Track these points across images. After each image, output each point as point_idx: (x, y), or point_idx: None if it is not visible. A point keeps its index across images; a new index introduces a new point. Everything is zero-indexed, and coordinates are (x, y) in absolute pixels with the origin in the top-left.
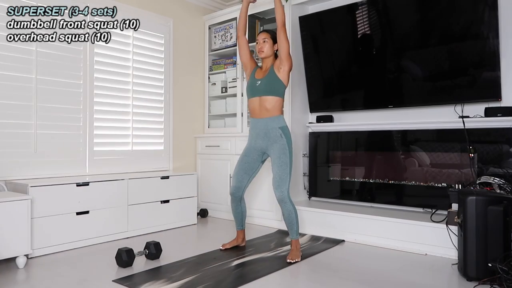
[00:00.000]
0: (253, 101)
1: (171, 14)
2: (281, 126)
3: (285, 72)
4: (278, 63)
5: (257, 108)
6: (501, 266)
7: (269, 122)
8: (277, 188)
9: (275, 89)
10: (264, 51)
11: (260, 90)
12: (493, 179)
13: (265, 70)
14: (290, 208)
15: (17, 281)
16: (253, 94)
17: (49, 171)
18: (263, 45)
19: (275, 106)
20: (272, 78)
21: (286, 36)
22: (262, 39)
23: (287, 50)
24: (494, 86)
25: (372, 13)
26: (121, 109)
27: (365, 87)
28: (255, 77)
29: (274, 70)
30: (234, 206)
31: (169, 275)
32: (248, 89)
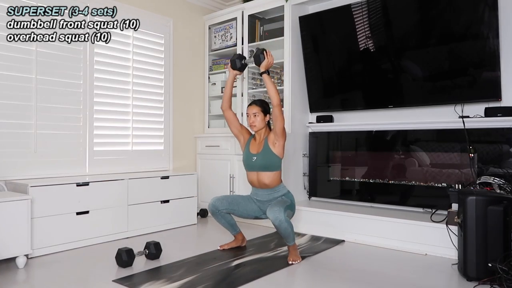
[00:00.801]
0: (250, 174)
1: (171, 14)
2: (283, 194)
3: (280, 146)
4: (273, 138)
5: (256, 182)
6: (501, 266)
7: (271, 193)
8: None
9: (271, 165)
10: (256, 125)
11: (257, 166)
12: (493, 179)
13: (259, 143)
14: (285, 226)
15: (17, 281)
16: (250, 169)
17: (49, 171)
18: (254, 119)
19: (274, 180)
20: (268, 155)
21: (281, 113)
22: (253, 114)
23: (282, 126)
24: (494, 86)
25: (372, 13)
26: (121, 109)
27: (365, 87)
28: (250, 152)
29: (269, 145)
30: (215, 218)
31: (169, 275)
32: (245, 163)
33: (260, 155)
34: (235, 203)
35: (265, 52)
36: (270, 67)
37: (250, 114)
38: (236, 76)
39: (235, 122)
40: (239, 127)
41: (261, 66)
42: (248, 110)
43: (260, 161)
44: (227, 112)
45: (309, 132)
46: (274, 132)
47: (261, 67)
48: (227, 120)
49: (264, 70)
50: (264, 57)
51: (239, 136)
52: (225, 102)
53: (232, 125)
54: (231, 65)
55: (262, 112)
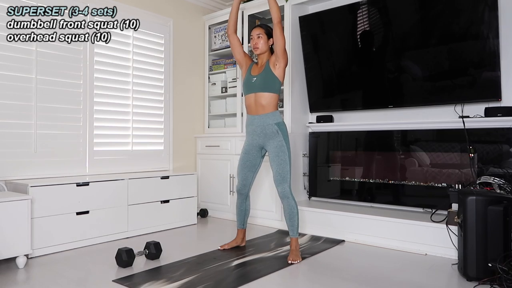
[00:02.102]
0: (248, 97)
1: (171, 14)
2: (277, 122)
3: (280, 68)
4: (274, 60)
5: (253, 105)
6: (501, 266)
7: (265, 118)
8: (279, 185)
9: (270, 86)
10: (259, 47)
11: (256, 86)
12: (493, 179)
13: (260, 66)
14: (292, 203)
15: (17, 281)
16: (249, 91)
17: (49, 171)
18: (257, 41)
19: (270, 103)
20: (268, 75)
21: (282, 33)
22: (257, 35)
23: (283, 46)
24: (494, 86)
25: (372, 13)
26: (121, 109)
27: (365, 87)
28: (251, 74)
29: (269, 67)
30: (239, 202)
31: (169, 275)
32: (244, 85)
33: (260, 76)
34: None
35: None
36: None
37: (253, 36)
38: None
39: (239, 48)
40: (242, 53)
41: None
42: (252, 32)
43: (259, 81)
44: (232, 37)
45: (309, 132)
46: (275, 54)
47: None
48: (232, 44)
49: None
50: None
51: (241, 62)
52: (231, 25)
53: (236, 50)
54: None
55: (266, 34)
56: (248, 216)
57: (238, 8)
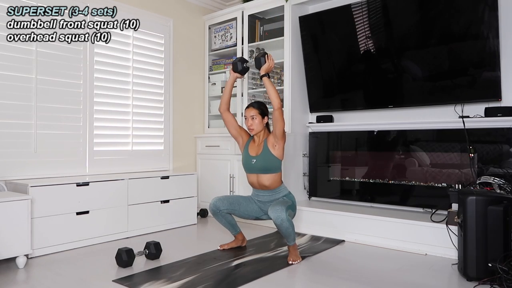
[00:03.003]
0: (251, 176)
1: (171, 14)
2: (284, 195)
3: (280, 149)
4: (273, 141)
5: (256, 184)
6: (501, 266)
7: (272, 194)
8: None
9: (271, 167)
10: (254, 128)
11: (256, 168)
12: (493, 179)
13: (258, 145)
14: (287, 225)
15: (17, 281)
16: (250, 171)
17: (49, 171)
18: (252, 122)
19: (274, 181)
20: (267, 157)
21: (282, 116)
22: (251, 117)
23: (283, 129)
24: (494, 86)
25: (372, 13)
26: (121, 109)
27: (365, 87)
28: (249, 154)
29: (268, 148)
30: (216, 218)
31: (169, 275)
32: (244, 165)
33: (259, 158)
34: (236, 203)
35: (267, 55)
36: (271, 71)
37: (248, 117)
38: (237, 78)
39: (233, 124)
40: (238, 128)
41: (261, 69)
42: (245, 113)
43: (259, 164)
44: (225, 114)
45: (309, 132)
46: (274, 135)
47: (261, 70)
48: (225, 122)
49: (264, 73)
50: (265, 60)
51: (237, 138)
52: (224, 104)
53: (230, 127)
54: (233, 68)
55: (260, 115)
56: (235, 223)
57: (232, 87)
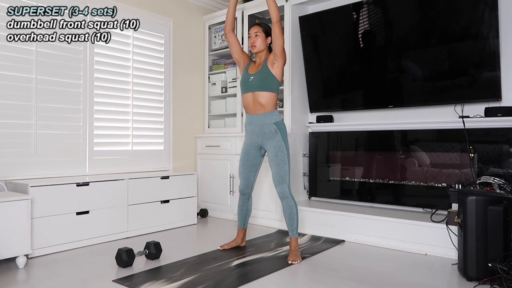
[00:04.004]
0: (246, 96)
1: (171, 14)
2: (275, 122)
3: (279, 67)
4: (272, 58)
5: (251, 104)
6: (501, 266)
7: (264, 118)
8: (278, 186)
9: (268, 85)
10: (256, 45)
11: (253, 85)
12: (493, 179)
13: (258, 65)
14: (291, 203)
15: (17, 281)
16: (247, 90)
17: (49, 171)
18: (255, 39)
19: (269, 102)
20: (266, 74)
21: (281, 32)
22: (254, 33)
23: (282, 45)
24: (494, 86)
25: (372, 13)
26: (121, 109)
27: (365, 87)
28: (248, 72)
29: (267, 65)
30: (241, 202)
31: (169, 275)
32: (242, 84)
33: (257, 75)
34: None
35: None
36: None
37: (251, 34)
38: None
39: (236, 46)
40: (240, 51)
41: None
42: (249, 31)
43: (257, 80)
44: (230, 35)
45: (309, 132)
46: (273, 53)
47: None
48: (229, 43)
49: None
50: None
51: (239, 60)
52: (228, 24)
53: (233, 48)
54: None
55: (264, 33)
56: (249, 216)
57: (235, 6)
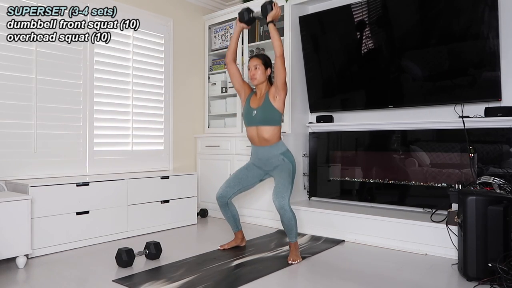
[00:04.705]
0: (250, 130)
1: (171, 14)
2: (282, 152)
3: (280, 100)
4: (274, 92)
5: (256, 138)
6: (501, 266)
7: (270, 150)
8: (277, 197)
9: (271, 119)
10: (256, 78)
11: (257, 120)
12: (493, 179)
13: (260, 98)
14: (289, 215)
15: (17, 281)
16: (250, 124)
17: (49, 171)
18: (255, 72)
19: (273, 135)
20: (268, 108)
21: (283, 65)
22: (254, 66)
23: (284, 79)
24: (494, 86)
25: (372, 13)
26: (121, 109)
27: (365, 87)
28: (250, 106)
29: (269, 99)
30: (222, 211)
31: (169, 275)
32: (245, 118)
33: (260, 109)
34: (237, 182)
35: (273, 3)
36: (277, 19)
37: (251, 67)
38: (243, 28)
39: (237, 76)
40: (241, 81)
41: (268, 16)
42: (249, 63)
43: (260, 115)
44: (231, 65)
45: (309, 132)
46: (275, 85)
47: (268, 17)
48: (230, 73)
49: (271, 20)
50: (272, 7)
51: (240, 90)
52: (230, 54)
53: (234, 78)
54: (239, 18)
55: (263, 65)
56: (238, 219)
57: (238, 37)
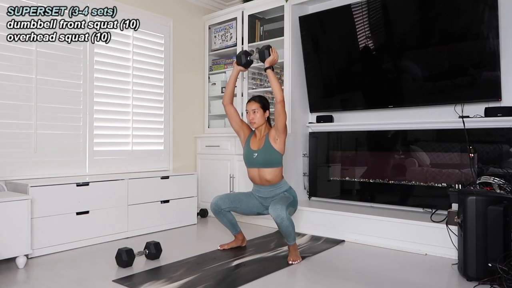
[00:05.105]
0: (251, 171)
1: (171, 14)
2: (284, 190)
3: (281, 142)
4: (274, 134)
5: (257, 179)
6: (501, 266)
7: (273, 189)
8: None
9: (273, 161)
10: (255, 121)
11: (258, 162)
12: (493, 179)
13: (260, 139)
14: (287, 223)
15: (17, 281)
16: (251, 166)
17: (49, 171)
18: (254, 116)
19: (275, 176)
20: (269, 151)
21: (283, 110)
22: (252, 110)
23: (284, 123)
24: (494, 86)
25: (372, 13)
26: (121, 109)
27: (365, 87)
28: (251, 148)
29: (270, 142)
30: (217, 218)
31: (169, 275)
32: (245, 159)
33: (261, 152)
34: (237, 200)
35: (271, 48)
36: (275, 64)
37: (249, 111)
38: (240, 72)
39: (236, 118)
40: (239, 122)
41: (265, 61)
42: (247, 107)
43: (261, 158)
44: (229, 107)
45: (309, 132)
46: (275, 128)
47: (265, 63)
48: (228, 115)
49: (269, 65)
50: (269, 53)
51: (239, 132)
52: (227, 97)
53: (233, 120)
54: (237, 61)
55: (261, 108)
56: (235, 222)
57: (235, 80)
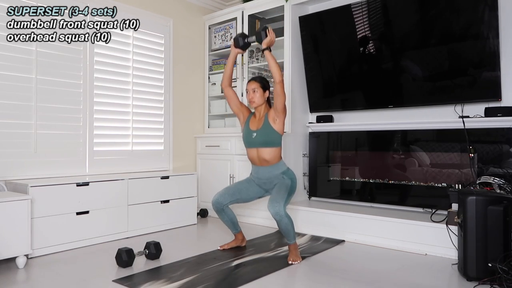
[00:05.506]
0: (250, 151)
1: (171, 14)
2: (283, 171)
3: (280, 123)
4: (273, 115)
5: (256, 159)
6: (501, 266)
7: (271, 170)
8: (272, 205)
9: (271, 141)
10: (255, 101)
11: (257, 142)
12: (493, 179)
13: (259, 119)
14: (286, 221)
15: (17, 281)
16: (250, 145)
17: (49, 171)
18: (253, 95)
19: (274, 156)
20: (268, 131)
21: (283, 90)
22: (252, 89)
23: (283, 103)
24: (494, 86)
25: (372, 13)
26: (121, 109)
27: (365, 87)
28: (250, 128)
29: (269, 122)
30: (219, 216)
31: (169, 275)
32: (244, 140)
33: (260, 131)
34: (237, 192)
35: (268, 29)
36: (272, 45)
37: (249, 90)
38: (238, 54)
39: (235, 100)
40: (238, 104)
41: (263, 43)
42: (247, 86)
43: (260, 137)
44: (227, 90)
45: (309, 132)
46: (274, 109)
47: (263, 44)
48: (227, 97)
49: (266, 47)
50: (266, 34)
51: (238, 113)
52: (226, 79)
53: (232, 102)
54: (234, 43)
55: (261, 88)
56: (236, 221)
57: (234, 63)
